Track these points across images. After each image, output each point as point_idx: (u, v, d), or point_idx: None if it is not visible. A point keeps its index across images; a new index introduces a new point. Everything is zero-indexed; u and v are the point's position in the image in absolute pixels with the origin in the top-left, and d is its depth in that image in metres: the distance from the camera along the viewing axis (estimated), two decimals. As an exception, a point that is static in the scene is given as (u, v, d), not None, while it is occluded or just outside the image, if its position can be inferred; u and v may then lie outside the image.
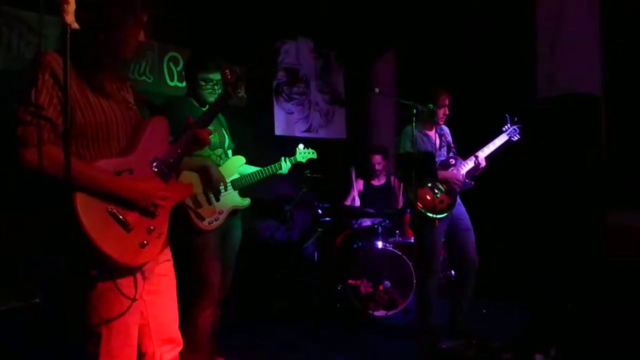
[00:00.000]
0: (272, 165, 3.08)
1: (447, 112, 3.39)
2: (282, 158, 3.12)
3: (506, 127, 3.52)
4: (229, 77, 2.02)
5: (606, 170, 4.29)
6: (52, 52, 1.52)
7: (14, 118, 1.46)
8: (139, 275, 1.61)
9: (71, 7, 1.27)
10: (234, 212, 2.90)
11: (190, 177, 2.61)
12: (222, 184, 2.69)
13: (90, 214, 1.45)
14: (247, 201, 2.94)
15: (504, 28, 4.84)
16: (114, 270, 1.52)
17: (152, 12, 1.66)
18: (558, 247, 4.10)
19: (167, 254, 1.82)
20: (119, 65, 1.67)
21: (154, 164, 1.66)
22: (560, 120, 4.23)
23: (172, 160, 1.72)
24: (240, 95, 2.21)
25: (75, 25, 1.30)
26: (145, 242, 1.57)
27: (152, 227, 1.60)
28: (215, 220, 2.74)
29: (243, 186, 2.93)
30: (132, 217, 1.55)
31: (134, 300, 1.57)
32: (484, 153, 3.40)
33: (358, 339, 3.63)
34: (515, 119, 3.55)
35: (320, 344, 3.58)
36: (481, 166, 3.36)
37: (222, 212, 2.78)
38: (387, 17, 5.36)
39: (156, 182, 1.65)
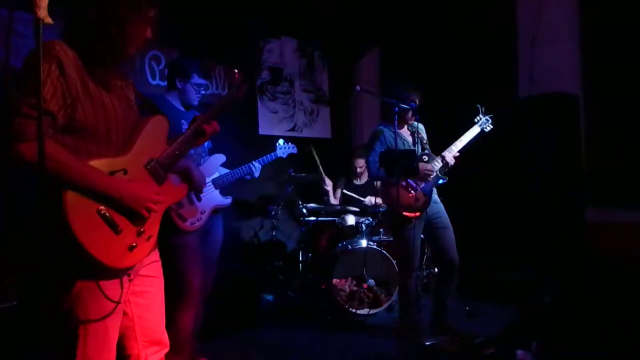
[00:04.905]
0: (244, 167, 3.02)
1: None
2: (252, 162, 3.06)
3: (478, 117, 3.50)
4: (236, 78, 2.07)
5: (586, 168, 4.36)
6: (60, 41, 1.47)
7: (12, 109, 1.38)
8: (125, 278, 1.57)
9: (44, 2, 1.22)
10: (215, 211, 2.88)
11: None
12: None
13: (79, 213, 1.40)
14: (228, 200, 2.93)
15: (486, 29, 4.88)
16: (99, 271, 1.48)
17: (158, 8, 1.63)
18: (540, 244, 4.15)
19: (155, 255, 1.78)
20: (124, 62, 1.64)
21: (149, 166, 1.62)
22: (540, 119, 4.29)
23: (168, 161, 1.68)
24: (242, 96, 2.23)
25: (49, 20, 1.26)
26: (134, 244, 1.52)
27: (142, 230, 1.56)
28: (198, 220, 2.72)
29: (224, 185, 2.91)
30: (122, 219, 1.50)
31: (117, 303, 1.52)
32: (451, 152, 3.35)
33: (342, 338, 3.63)
34: (484, 108, 3.52)
35: (304, 343, 3.58)
36: (450, 165, 3.35)
37: (204, 212, 2.76)
38: (370, 16, 5.38)
39: (150, 185, 1.60)
